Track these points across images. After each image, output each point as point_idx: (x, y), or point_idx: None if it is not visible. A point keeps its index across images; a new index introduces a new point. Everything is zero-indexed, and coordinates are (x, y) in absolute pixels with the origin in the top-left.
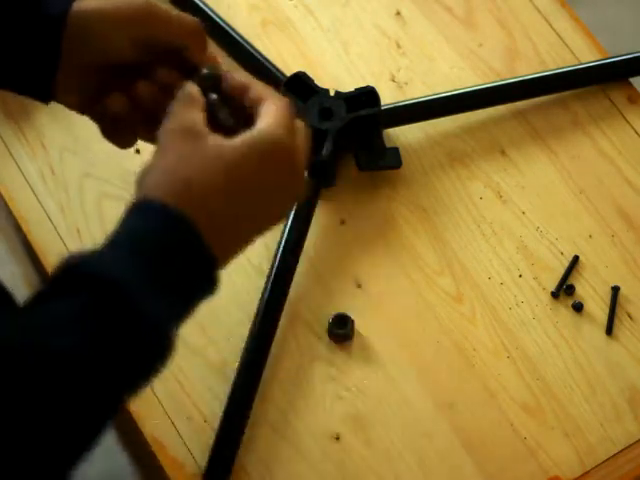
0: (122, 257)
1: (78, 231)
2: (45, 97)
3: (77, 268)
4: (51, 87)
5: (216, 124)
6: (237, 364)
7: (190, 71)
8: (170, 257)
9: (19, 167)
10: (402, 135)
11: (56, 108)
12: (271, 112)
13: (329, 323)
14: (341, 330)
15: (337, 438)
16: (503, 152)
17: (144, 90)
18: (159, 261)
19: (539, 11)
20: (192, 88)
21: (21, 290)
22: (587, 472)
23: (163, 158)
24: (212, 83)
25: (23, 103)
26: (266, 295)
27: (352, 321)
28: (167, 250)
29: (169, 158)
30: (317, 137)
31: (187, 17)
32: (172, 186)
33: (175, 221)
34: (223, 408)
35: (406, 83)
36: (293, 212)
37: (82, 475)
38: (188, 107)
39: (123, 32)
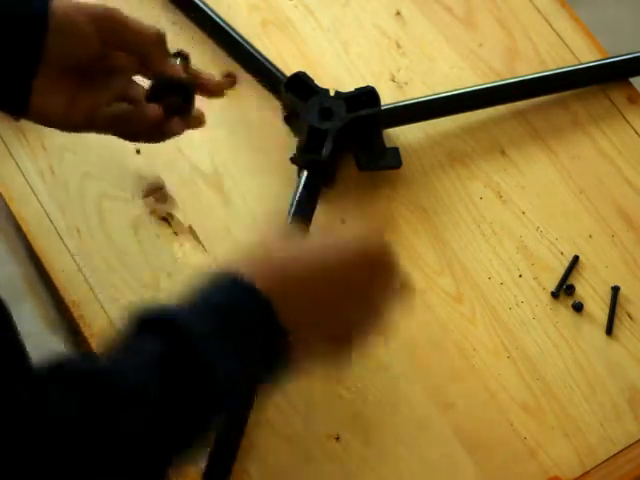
0: (205, 315)
1: (78, 231)
2: (21, 104)
3: (158, 316)
4: (29, 91)
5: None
6: None
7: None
8: (248, 330)
9: (19, 167)
10: (402, 135)
11: None
12: (362, 226)
13: None
14: None
15: (337, 438)
16: (503, 152)
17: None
18: (236, 327)
19: (539, 11)
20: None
21: (21, 290)
22: (587, 472)
23: (260, 247)
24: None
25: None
26: None
27: None
28: (247, 323)
29: (266, 247)
30: (317, 137)
31: (148, 25)
32: (262, 270)
33: (260, 302)
34: None
35: (406, 83)
36: (293, 212)
37: None
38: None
39: (90, 29)
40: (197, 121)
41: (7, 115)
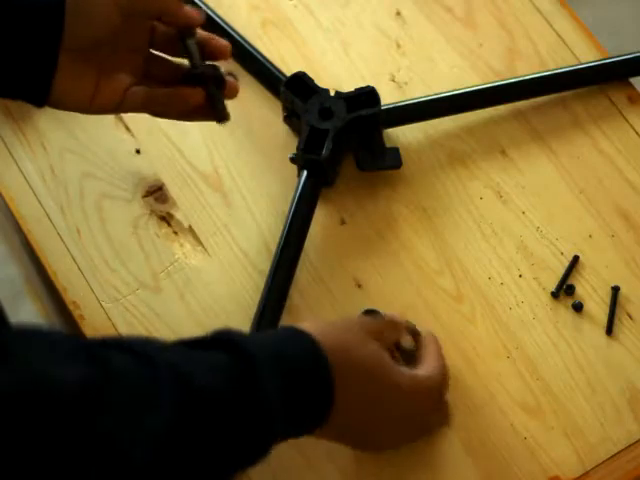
0: (266, 346)
1: (78, 231)
2: (43, 92)
3: (229, 336)
4: (52, 77)
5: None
6: None
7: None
8: (299, 381)
9: (19, 167)
10: (402, 135)
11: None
12: (432, 358)
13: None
14: None
15: None
16: (503, 152)
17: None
18: (292, 371)
19: (539, 11)
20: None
21: (21, 290)
22: (587, 472)
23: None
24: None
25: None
26: (266, 295)
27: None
28: (301, 371)
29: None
30: (317, 137)
31: None
32: (330, 343)
33: (320, 362)
34: None
35: (406, 83)
36: (293, 212)
37: None
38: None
39: (109, 2)
40: (233, 90)
41: (30, 105)
